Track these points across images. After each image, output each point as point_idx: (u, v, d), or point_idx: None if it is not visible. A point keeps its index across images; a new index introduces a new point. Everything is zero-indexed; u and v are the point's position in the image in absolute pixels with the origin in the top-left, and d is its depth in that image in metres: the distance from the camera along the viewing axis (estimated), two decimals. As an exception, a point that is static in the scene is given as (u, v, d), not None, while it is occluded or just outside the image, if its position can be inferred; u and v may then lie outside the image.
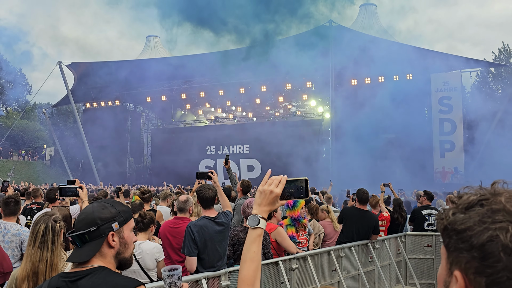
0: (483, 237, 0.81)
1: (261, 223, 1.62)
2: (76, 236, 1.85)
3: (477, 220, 0.84)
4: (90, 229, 1.86)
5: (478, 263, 0.82)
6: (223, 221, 4.33)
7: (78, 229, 1.87)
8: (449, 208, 0.92)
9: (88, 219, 1.88)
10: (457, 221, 0.87)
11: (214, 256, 4.26)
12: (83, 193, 3.61)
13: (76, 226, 1.89)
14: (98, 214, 1.90)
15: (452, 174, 24.82)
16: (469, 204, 0.88)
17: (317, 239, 6.91)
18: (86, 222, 1.88)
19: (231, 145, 30.81)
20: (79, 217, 1.93)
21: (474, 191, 0.90)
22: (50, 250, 2.84)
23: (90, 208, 1.93)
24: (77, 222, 1.90)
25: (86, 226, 1.87)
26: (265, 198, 1.64)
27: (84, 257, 1.84)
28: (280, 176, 1.67)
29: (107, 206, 1.95)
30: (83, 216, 1.91)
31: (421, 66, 24.16)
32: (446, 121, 25.04)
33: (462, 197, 0.90)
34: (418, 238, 8.02)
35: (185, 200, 4.93)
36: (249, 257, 1.60)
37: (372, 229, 6.67)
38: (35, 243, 2.85)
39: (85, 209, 1.95)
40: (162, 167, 31.68)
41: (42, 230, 2.88)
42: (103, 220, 1.89)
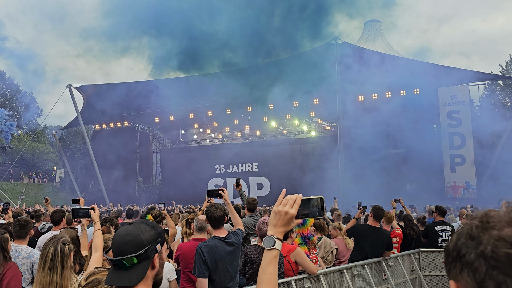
0: None
1: (277, 244, 1.61)
2: (124, 259, 1.81)
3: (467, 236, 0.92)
4: (140, 252, 1.82)
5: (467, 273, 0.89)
6: (233, 241, 4.28)
7: (124, 251, 1.81)
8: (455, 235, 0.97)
9: (136, 241, 1.84)
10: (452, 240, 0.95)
11: (225, 276, 4.21)
12: (95, 215, 3.59)
13: (121, 248, 1.82)
14: (145, 236, 1.87)
15: (464, 188, 24.50)
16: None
17: (330, 256, 6.80)
18: (133, 244, 1.83)
19: (240, 163, 30.81)
20: (123, 238, 1.85)
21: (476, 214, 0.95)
22: (60, 273, 2.82)
23: (135, 230, 1.88)
24: (121, 243, 1.83)
25: (134, 248, 1.82)
26: (280, 219, 1.62)
27: (134, 280, 1.82)
28: (295, 196, 1.65)
29: (150, 227, 1.93)
30: (129, 238, 1.85)
31: (428, 80, 24.16)
32: (456, 134, 24.85)
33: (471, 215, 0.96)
34: (432, 254, 7.85)
35: (204, 219, 4.87)
36: (266, 279, 1.58)
37: (386, 246, 6.56)
38: (45, 266, 2.83)
39: (129, 231, 1.88)
40: (171, 187, 31.72)
41: (51, 253, 2.86)
42: (150, 242, 1.86)
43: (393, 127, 23.51)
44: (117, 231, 1.92)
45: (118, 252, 1.82)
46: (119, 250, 1.82)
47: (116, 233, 1.91)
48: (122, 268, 1.81)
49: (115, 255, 1.82)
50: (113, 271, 1.83)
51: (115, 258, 1.81)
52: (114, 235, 1.91)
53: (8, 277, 3.49)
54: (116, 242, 1.85)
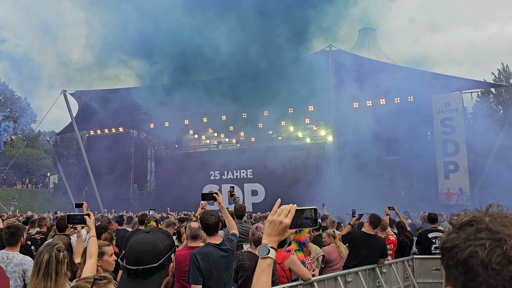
0: (465, 252, 0.89)
1: (271, 253, 1.63)
2: (145, 269, 1.79)
3: (463, 238, 0.92)
4: (160, 261, 1.82)
5: (463, 277, 0.89)
6: (227, 248, 4.29)
7: (144, 260, 1.79)
8: (447, 230, 1.00)
9: (156, 251, 1.83)
10: (449, 240, 0.95)
11: (219, 283, 4.21)
12: (90, 221, 3.59)
13: (140, 258, 1.79)
14: (163, 245, 1.87)
15: (458, 195, 24.64)
16: (461, 225, 0.96)
17: (316, 263, 6.79)
18: (154, 254, 1.82)
19: (234, 169, 30.79)
20: (142, 247, 1.82)
21: (469, 213, 0.98)
22: (54, 280, 2.81)
23: (154, 239, 1.86)
24: (141, 252, 1.81)
25: (154, 258, 1.81)
26: (275, 229, 1.65)
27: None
28: (290, 206, 1.67)
29: (166, 236, 1.93)
30: (149, 247, 1.83)
31: (422, 88, 24.34)
32: (449, 142, 25.03)
33: (457, 218, 0.99)
34: (426, 261, 7.90)
35: (198, 227, 4.88)
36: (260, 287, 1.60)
37: (380, 253, 6.60)
38: (39, 273, 2.82)
39: (148, 240, 1.85)
40: (165, 193, 31.62)
41: (45, 260, 2.85)
42: (167, 251, 1.86)
43: (387, 134, 23.65)
44: (134, 239, 1.88)
45: (137, 261, 1.79)
46: (138, 259, 1.79)
47: (133, 241, 1.87)
48: (139, 277, 1.79)
49: (133, 264, 1.79)
50: (130, 280, 1.81)
51: (136, 267, 1.79)
52: (131, 243, 1.87)
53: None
54: (134, 251, 1.82)
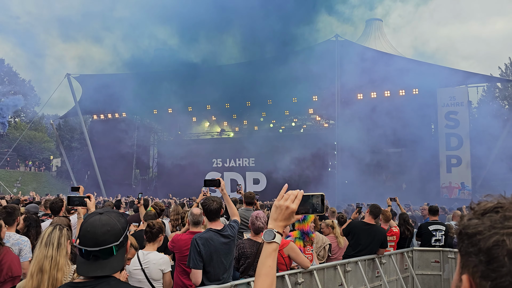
0: (490, 241, 0.83)
1: (277, 237, 1.63)
2: (105, 249, 1.81)
3: (488, 226, 0.86)
4: (119, 240, 1.84)
5: (484, 267, 0.83)
6: (228, 234, 4.31)
7: (104, 241, 1.81)
8: (467, 215, 0.94)
9: (115, 231, 1.85)
10: (470, 226, 0.89)
11: (220, 268, 4.24)
12: (90, 203, 3.60)
13: (100, 239, 1.81)
14: (120, 224, 1.88)
15: (459, 189, 24.62)
16: (484, 211, 0.89)
17: (322, 252, 6.83)
18: (113, 234, 1.84)
19: (237, 158, 30.83)
20: (101, 229, 1.83)
21: (493, 199, 0.92)
22: (56, 248, 2.85)
23: (111, 219, 1.87)
24: (100, 234, 1.81)
25: (114, 238, 1.83)
26: (281, 213, 1.64)
27: (117, 268, 1.84)
28: (297, 191, 1.66)
29: (119, 215, 1.94)
30: (108, 228, 1.84)
31: (427, 81, 24.17)
32: (453, 136, 24.92)
33: (480, 203, 0.92)
34: (426, 253, 7.92)
35: (199, 213, 4.90)
36: (264, 272, 1.60)
37: (380, 243, 6.61)
38: (42, 243, 2.89)
39: (105, 221, 1.86)
40: (167, 180, 31.73)
41: (48, 231, 2.94)
42: (124, 230, 1.89)
43: (391, 126, 23.56)
44: (90, 222, 1.86)
45: (96, 242, 1.80)
46: (98, 240, 1.80)
47: (89, 223, 1.86)
48: (101, 258, 1.81)
49: (91, 245, 1.80)
50: (91, 262, 1.81)
51: (97, 248, 1.80)
52: (87, 226, 1.85)
53: (7, 262, 3.52)
54: (92, 233, 1.82)
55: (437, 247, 7.83)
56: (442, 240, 7.81)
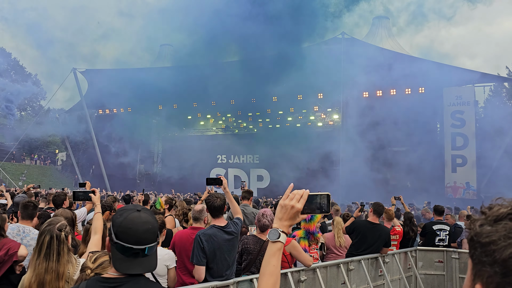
0: (506, 252, 0.79)
1: (282, 237, 1.62)
2: (149, 248, 1.84)
3: (502, 235, 0.81)
4: (158, 239, 1.89)
5: (500, 278, 0.79)
6: (232, 231, 4.31)
7: (145, 239, 1.82)
8: (477, 219, 0.89)
9: (155, 229, 1.88)
10: (483, 234, 0.84)
11: (223, 265, 4.25)
12: (95, 198, 3.60)
13: (142, 236, 1.82)
14: (157, 223, 1.93)
15: (464, 189, 24.51)
16: (498, 217, 0.85)
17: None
18: (153, 232, 1.87)
19: (241, 154, 30.85)
20: (143, 226, 1.84)
21: (507, 203, 0.88)
22: (56, 260, 2.81)
23: (150, 217, 1.89)
24: (142, 232, 1.82)
25: (153, 235, 1.87)
26: (286, 213, 1.64)
27: (154, 265, 1.87)
28: (302, 191, 1.66)
29: (153, 213, 1.97)
30: (149, 226, 1.85)
31: (433, 80, 24.04)
32: (459, 135, 24.79)
33: (492, 208, 0.88)
34: (429, 253, 7.90)
35: (200, 209, 4.92)
36: (268, 271, 1.59)
37: (384, 242, 6.60)
38: (40, 254, 2.80)
39: (145, 219, 1.87)
40: (172, 175, 31.82)
41: (47, 241, 2.84)
42: (159, 229, 1.94)
43: (396, 125, 23.47)
44: (129, 219, 1.85)
45: (138, 240, 1.81)
46: (140, 238, 1.81)
47: (130, 220, 1.85)
48: (140, 256, 1.82)
49: (134, 243, 1.80)
50: (130, 259, 1.81)
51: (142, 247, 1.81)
52: (128, 222, 1.84)
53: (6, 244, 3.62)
54: (134, 231, 1.82)
55: (440, 247, 7.81)
56: (446, 240, 7.79)
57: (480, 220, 0.88)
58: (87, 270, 2.37)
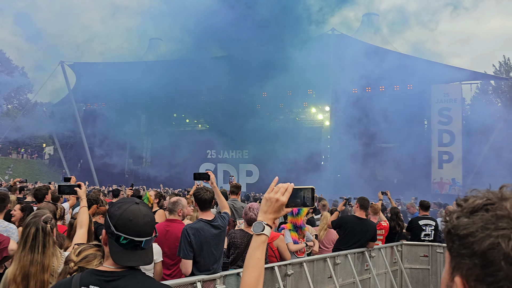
0: (484, 244, 0.79)
1: (266, 230, 1.62)
2: (148, 240, 1.83)
3: (480, 226, 0.81)
4: (155, 232, 1.88)
5: (479, 270, 0.79)
6: (219, 224, 4.32)
7: (145, 231, 1.82)
8: (454, 211, 0.89)
9: (153, 223, 1.88)
10: (460, 226, 0.84)
11: (210, 259, 4.26)
12: (81, 191, 3.58)
13: (142, 229, 1.81)
14: (154, 217, 1.92)
15: (450, 185, 24.84)
16: (473, 208, 0.85)
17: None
18: (152, 225, 1.86)
19: (231, 149, 30.82)
20: (143, 219, 1.83)
21: (481, 195, 0.88)
22: (41, 252, 2.77)
23: (148, 210, 1.90)
24: (143, 224, 1.82)
25: (152, 228, 1.86)
26: (271, 206, 1.64)
27: (151, 258, 1.87)
28: (287, 184, 1.67)
29: (148, 206, 1.98)
30: (148, 219, 1.85)
31: (422, 77, 24.25)
32: (445, 132, 25.09)
33: (468, 200, 0.88)
34: (415, 248, 8.01)
35: (174, 201, 4.92)
36: (253, 263, 1.60)
37: (371, 237, 6.67)
38: (25, 246, 2.76)
39: (145, 211, 1.87)
40: (160, 170, 31.68)
41: (32, 233, 2.80)
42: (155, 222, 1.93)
43: (384, 121, 23.65)
44: (130, 211, 1.84)
45: (138, 233, 1.80)
46: (140, 231, 1.81)
47: (131, 212, 1.83)
48: (139, 248, 1.81)
49: (134, 236, 1.79)
50: (129, 252, 1.80)
51: (143, 239, 1.81)
52: (128, 214, 1.83)
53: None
54: (135, 223, 1.81)
55: (426, 241, 7.92)
56: (431, 235, 7.90)
57: (456, 213, 0.87)
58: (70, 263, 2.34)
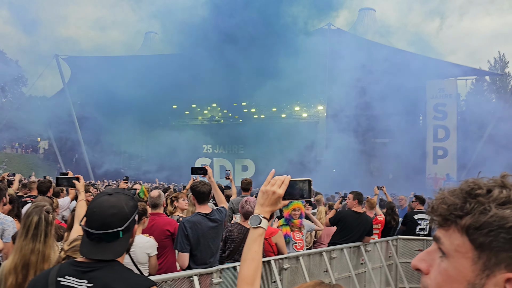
0: None
1: (263, 223, 1.62)
2: (110, 233, 1.75)
3: None
4: (126, 224, 1.78)
5: None
6: (216, 218, 4.33)
7: (109, 224, 1.75)
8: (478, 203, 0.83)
9: (122, 214, 1.78)
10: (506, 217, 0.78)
11: (207, 252, 4.26)
12: (79, 184, 3.56)
13: (106, 221, 1.74)
14: (128, 208, 1.81)
15: (444, 180, 24.97)
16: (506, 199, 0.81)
17: (309, 238, 6.95)
18: (120, 218, 1.77)
19: (227, 144, 30.81)
20: (108, 210, 1.77)
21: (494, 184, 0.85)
22: (43, 242, 2.77)
23: (119, 202, 1.81)
24: (106, 216, 1.75)
25: (120, 221, 1.77)
26: (268, 199, 1.63)
27: (119, 253, 1.79)
28: (284, 176, 1.66)
29: (129, 197, 1.88)
30: (115, 210, 1.77)
31: (417, 72, 24.29)
32: (440, 127, 25.19)
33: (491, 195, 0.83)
34: (410, 242, 8.06)
35: (158, 195, 4.93)
36: (250, 256, 1.59)
37: (367, 231, 6.72)
38: (27, 234, 2.76)
39: (113, 203, 1.79)
40: (156, 164, 31.63)
41: (35, 222, 2.80)
42: (132, 213, 1.82)
43: (379, 116, 23.71)
44: (98, 202, 1.81)
45: (101, 225, 1.75)
46: (104, 223, 1.75)
47: (97, 204, 1.80)
48: (104, 241, 1.75)
49: (97, 228, 1.75)
50: (93, 243, 1.76)
51: (101, 231, 1.74)
52: (94, 206, 1.80)
53: None
54: (99, 215, 1.77)
55: (421, 236, 7.97)
56: (426, 229, 7.96)
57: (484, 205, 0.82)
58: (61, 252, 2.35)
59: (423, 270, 0.91)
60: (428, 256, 0.92)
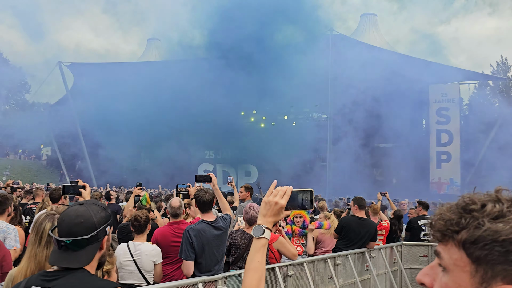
0: None
1: (266, 233, 1.64)
2: (75, 241, 1.79)
3: None
4: (92, 234, 1.81)
5: None
6: (221, 226, 4.32)
7: (75, 232, 1.80)
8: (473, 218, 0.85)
9: (88, 224, 1.83)
10: (500, 231, 0.80)
11: (211, 260, 4.25)
12: (85, 192, 3.59)
13: (72, 230, 1.80)
14: (97, 218, 1.86)
15: (448, 185, 24.89)
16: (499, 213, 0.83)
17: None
18: (86, 227, 1.82)
19: (230, 149, 30.80)
20: (75, 220, 1.83)
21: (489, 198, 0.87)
22: None
23: (87, 212, 1.86)
24: (73, 225, 1.81)
25: (86, 230, 1.82)
26: (270, 209, 1.66)
27: (84, 262, 1.82)
28: (286, 187, 1.68)
29: (101, 209, 1.93)
30: (81, 219, 1.83)
31: (420, 77, 24.29)
32: (444, 132, 25.15)
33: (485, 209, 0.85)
34: (414, 248, 8.02)
35: (179, 205, 4.94)
36: (253, 267, 1.61)
37: (371, 236, 6.69)
38: (41, 241, 2.77)
39: (80, 212, 1.85)
40: (159, 170, 31.63)
41: (48, 229, 2.84)
42: (101, 224, 1.86)
43: (382, 121, 23.69)
44: (66, 211, 1.87)
45: (68, 233, 1.80)
46: (70, 231, 1.80)
47: (65, 213, 1.86)
48: (70, 249, 1.80)
49: (64, 236, 1.80)
50: (60, 252, 1.81)
51: (66, 239, 1.79)
52: (63, 215, 1.86)
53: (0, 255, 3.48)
54: (66, 223, 1.82)
55: (425, 241, 7.94)
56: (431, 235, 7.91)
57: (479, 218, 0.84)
58: None
59: (427, 285, 0.93)
60: (431, 271, 0.95)
